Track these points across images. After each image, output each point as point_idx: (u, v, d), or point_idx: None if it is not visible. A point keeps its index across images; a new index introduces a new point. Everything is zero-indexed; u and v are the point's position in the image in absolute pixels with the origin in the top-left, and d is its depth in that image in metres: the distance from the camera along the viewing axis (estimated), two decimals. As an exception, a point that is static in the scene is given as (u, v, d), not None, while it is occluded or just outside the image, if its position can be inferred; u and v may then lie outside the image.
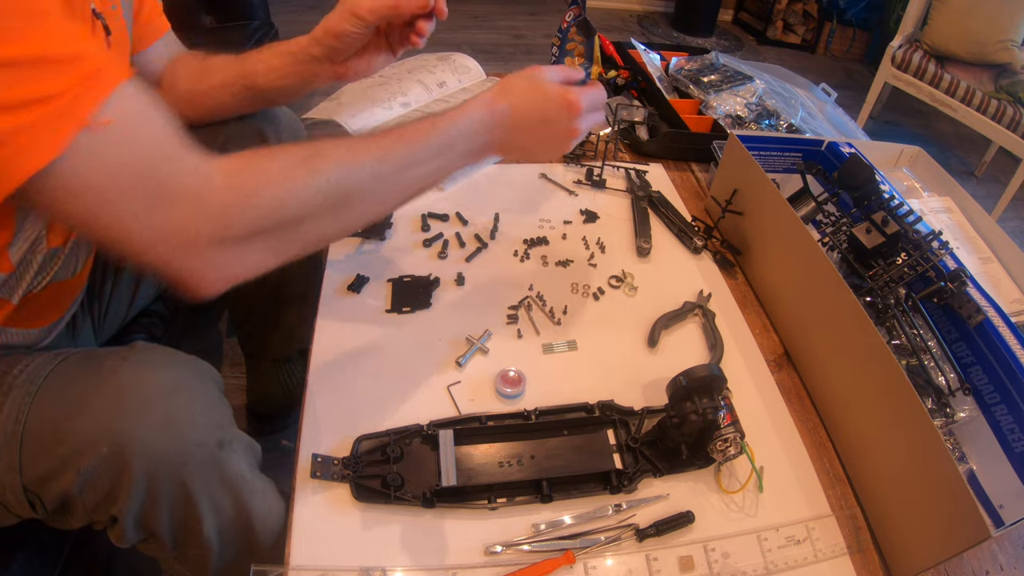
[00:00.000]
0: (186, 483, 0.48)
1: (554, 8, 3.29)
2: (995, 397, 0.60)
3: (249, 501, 0.53)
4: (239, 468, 0.52)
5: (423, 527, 0.52)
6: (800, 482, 0.59)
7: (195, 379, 0.51)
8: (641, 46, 1.22)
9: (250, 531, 0.54)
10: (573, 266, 0.78)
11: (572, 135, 0.58)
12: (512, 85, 0.57)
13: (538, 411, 0.59)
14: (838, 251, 0.71)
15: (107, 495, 0.47)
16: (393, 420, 0.57)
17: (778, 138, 0.89)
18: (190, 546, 0.53)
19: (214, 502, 0.51)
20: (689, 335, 0.72)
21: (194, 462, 0.48)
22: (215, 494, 0.50)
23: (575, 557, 0.50)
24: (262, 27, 2.32)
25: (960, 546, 0.47)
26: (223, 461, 0.50)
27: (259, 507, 0.54)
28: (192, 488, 0.49)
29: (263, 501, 0.54)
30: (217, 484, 0.50)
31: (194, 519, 0.50)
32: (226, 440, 0.51)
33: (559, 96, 0.56)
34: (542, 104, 0.57)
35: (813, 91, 1.22)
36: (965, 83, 2.05)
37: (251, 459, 0.55)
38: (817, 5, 3.14)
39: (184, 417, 0.48)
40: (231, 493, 0.51)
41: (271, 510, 0.55)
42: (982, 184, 2.40)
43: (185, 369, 0.51)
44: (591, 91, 0.59)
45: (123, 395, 0.46)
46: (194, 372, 0.52)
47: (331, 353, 0.64)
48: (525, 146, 0.59)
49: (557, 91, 0.57)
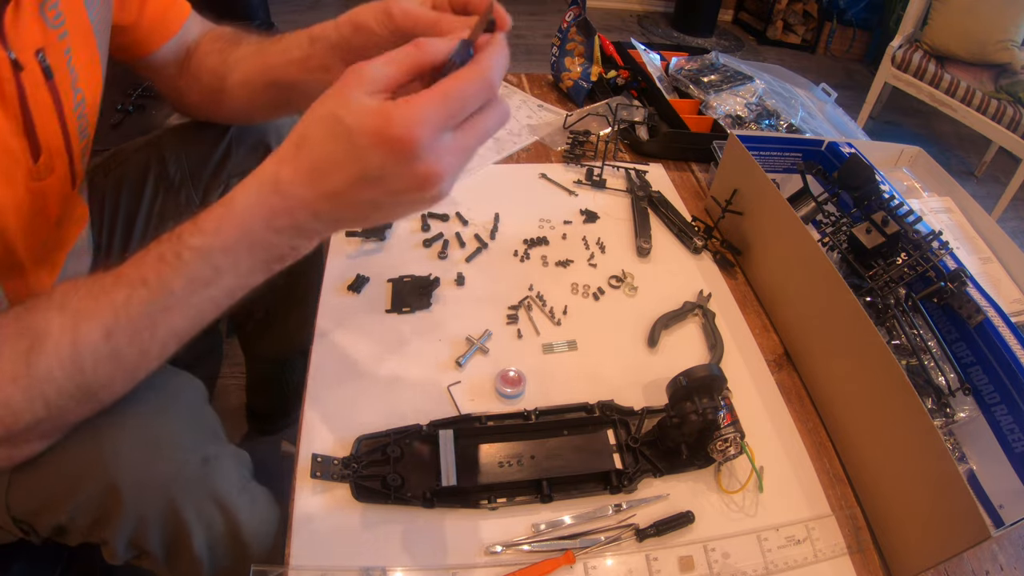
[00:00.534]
0: (174, 502, 0.48)
1: (554, 8, 3.29)
2: (995, 397, 0.60)
3: (239, 514, 0.52)
4: (226, 482, 0.51)
5: (423, 527, 0.52)
6: (800, 482, 0.59)
7: (176, 396, 0.50)
8: (641, 46, 1.22)
9: (241, 543, 0.54)
10: (573, 266, 0.78)
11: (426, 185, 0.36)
12: (308, 134, 0.37)
13: (538, 411, 0.59)
14: (838, 251, 0.71)
15: (97, 521, 0.48)
16: (393, 420, 0.57)
17: (778, 138, 0.89)
18: (182, 561, 0.53)
19: (203, 518, 0.50)
20: (689, 335, 0.72)
21: (179, 481, 0.48)
22: (203, 510, 0.50)
23: (575, 557, 0.50)
24: (262, 27, 2.32)
25: (960, 546, 0.47)
26: (209, 477, 0.50)
27: (249, 519, 0.54)
28: (180, 506, 0.48)
29: (253, 512, 0.54)
30: (205, 500, 0.50)
31: (184, 535, 0.50)
32: (211, 455, 0.50)
33: (373, 132, 0.35)
34: (350, 154, 0.36)
35: (813, 91, 1.22)
36: (965, 83, 2.05)
37: (240, 470, 0.54)
38: (817, 5, 3.14)
39: (166, 438, 0.47)
40: (219, 507, 0.51)
41: (263, 520, 0.55)
42: (982, 184, 2.40)
43: (164, 389, 0.49)
44: (454, 87, 0.35)
45: (103, 427, 0.45)
46: (175, 388, 0.51)
47: (331, 353, 0.64)
48: (360, 216, 0.40)
49: (369, 125, 0.35)
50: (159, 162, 0.74)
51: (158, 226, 0.76)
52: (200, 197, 0.76)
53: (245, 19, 2.26)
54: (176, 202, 0.76)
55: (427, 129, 0.34)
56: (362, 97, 0.35)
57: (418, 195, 0.38)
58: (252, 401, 1.17)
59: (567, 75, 1.14)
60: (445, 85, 0.35)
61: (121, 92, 1.51)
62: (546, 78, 1.21)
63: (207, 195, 0.76)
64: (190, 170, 0.75)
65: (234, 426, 1.18)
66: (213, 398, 1.21)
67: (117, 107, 1.47)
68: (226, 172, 0.76)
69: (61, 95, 0.50)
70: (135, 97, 1.50)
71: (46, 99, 0.49)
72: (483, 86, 0.36)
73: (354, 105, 0.35)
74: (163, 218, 0.76)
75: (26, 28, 0.46)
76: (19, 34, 0.45)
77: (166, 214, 0.76)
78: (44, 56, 0.47)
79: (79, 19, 0.52)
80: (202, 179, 0.76)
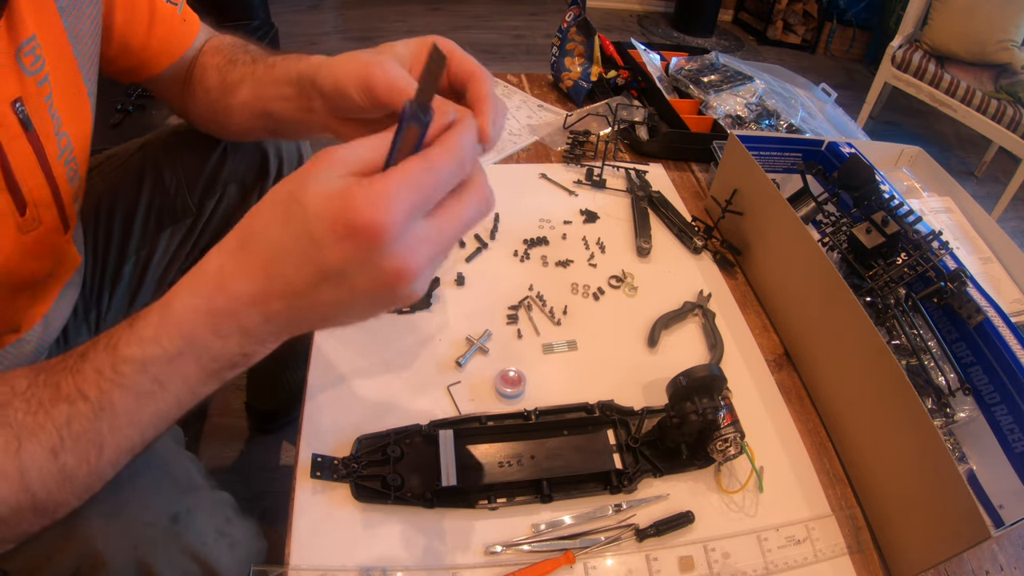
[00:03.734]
0: (146, 561, 0.47)
1: (554, 8, 3.29)
2: (995, 397, 0.60)
3: (216, 563, 0.51)
4: (201, 534, 0.51)
5: (423, 527, 0.52)
6: (800, 482, 0.59)
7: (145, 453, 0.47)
8: (641, 46, 1.22)
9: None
10: (573, 266, 0.78)
11: (397, 284, 0.31)
12: (258, 223, 0.33)
13: (538, 411, 0.59)
14: (838, 251, 0.71)
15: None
16: (393, 420, 0.57)
17: (778, 138, 0.89)
18: None
19: (178, 571, 0.49)
20: (689, 335, 0.72)
21: (148, 542, 0.47)
22: (179, 564, 0.49)
23: (575, 557, 0.50)
24: (262, 27, 2.32)
25: (960, 546, 0.47)
26: (181, 534, 0.49)
27: (229, 564, 0.52)
28: (153, 565, 0.47)
29: (233, 556, 0.53)
30: (178, 555, 0.49)
31: None
32: (183, 510, 0.49)
33: (333, 219, 0.30)
34: (305, 246, 0.31)
35: (813, 91, 1.22)
36: (965, 83, 2.05)
37: (219, 516, 0.53)
38: (817, 5, 3.14)
39: (132, 502, 0.47)
40: (195, 559, 0.50)
41: (243, 561, 0.54)
42: (982, 184, 2.40)
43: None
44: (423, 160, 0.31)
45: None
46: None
47: (331, 353, 0.64)
48: (320, 318, 0.35)
49: (329, 210, 0.30)
50: (154, 168, 0.72)
51: (155, 235, 0.75)
52: (196, 204, 0.75)
53: (245, 19, 2.26)
54: (172, 209, 0.74)
55: (396, 213, 0.29)
56: (326, 176, 0.30)
57: (388, 295, 0.32)
58: (252, 400, 1.17)
59: (567, 75, 1.14)
60: (412, 160, 0.31)
61: (121, 92, 1.51)
62: (546, 78, 1.21)
63: (203, 202, 0.75)
64: (186, 178, 0.73)
65: (234, 425, 1.18)
66: (213, 398, 1.22)
67: (117, 107, 1.47)
68: (222, 179, 0.75)
69: (44, 144, 0.48)
70: (135, 97, 1.50)
71: (26, 151, 0.46)
72: (456, 157, 0.32)
73: (314, 187, 0.30)
74: (159, 226, 0.75)
75: (1, 78, 0.43)
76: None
77: (163, 222, 0.75)
78: (22, 105, 0.44)
79: (62, 57, 0.49)
80: (197, 187, 0.74)
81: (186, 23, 0.61)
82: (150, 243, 0.75)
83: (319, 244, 0.30)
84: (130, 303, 0.75)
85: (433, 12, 3.15)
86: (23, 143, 0.46)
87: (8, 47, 0.43)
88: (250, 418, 1.17)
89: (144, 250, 0.75)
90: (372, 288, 0.32)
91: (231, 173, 0.75)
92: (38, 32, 0.45)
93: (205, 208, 0.76)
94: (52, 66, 0.47)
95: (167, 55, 0.60)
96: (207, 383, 0.35)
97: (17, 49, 0.44)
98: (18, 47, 0.44)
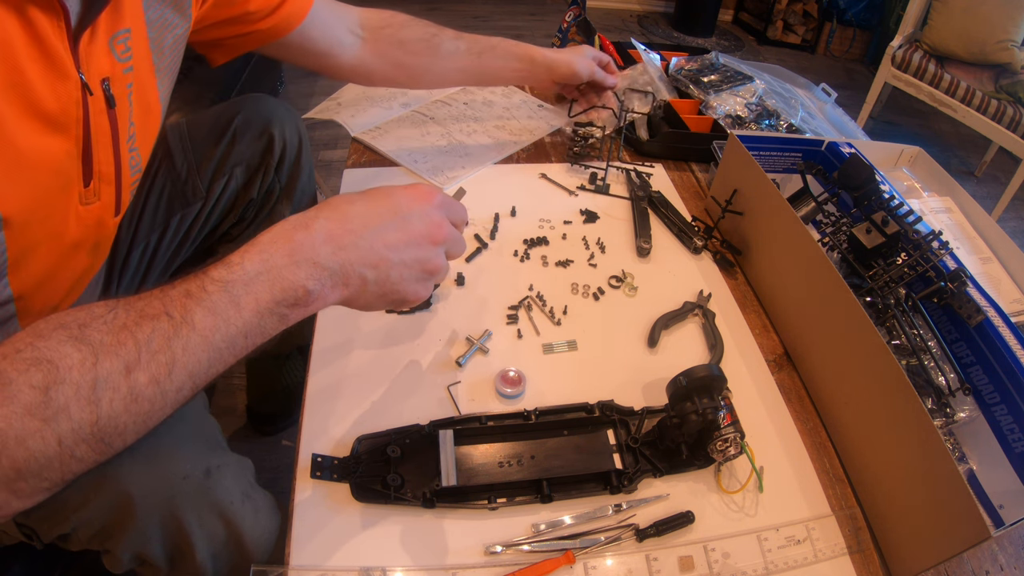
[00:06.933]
0: (177, 515, 0.48)
1: (554, 8, 3.29)
2: (995, 397, 0.60)
3: (241, 524, 0.53)
4: (229, 493, 0.52)
5: (423, 527, 0.52)
6: (800, 482, 0.59)
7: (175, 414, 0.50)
8: (641, 46, 1.22)
9: (244, 551, 0.54)
10: (573, 266, 0.78)
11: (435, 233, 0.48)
12: (337, 198, 0.47)
13: (538, 411, 0.59)
14: (838, 251, 0.71)
15: (100, 532, 0.48)
16: (393, 420, 0.57)
17: (778, 138, 0.89)
18: (185, 570, 0.53)
19: (206, 529, 0.51)
20: (689, 335, 0.72)
21: (182, 495, 0.48)
22: (206, 521, 0.51)
23: (575, 557, 0.50)
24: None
25: (960, 546, 0.47)
26: (212, 489, 0.50)
27: (252, 527, 0.54)
28: (183, 518, 0.49)
29: (256, 521, 0.54)
30: (207, 511, 0.50)
31: (187, 546, 0.50)
32: (214, 467, 0.51)
33: (407, 187, 0.49)
34: (386, 198, 0.47)
35: (813, 91, 1.22)
36: (965, 83, 2.05)
37: (244, 479, 0.55)
38: (817, 5, 3.14)
39: (168, 451, 0.48)
40: (222, 518, 0.52)
41: (265, 528, 0.55)
42: (982, 184, 2.40)
43: None
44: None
45: None
46: None
47: (331, 353, 0.64)
48: (373, 263, 0.45)
49: (408, 189, 0.49)
50: (166, 155, 0.76)
51: (165, 220, 0.77)
52: (206, 188, 0.78)
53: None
54: (183, 194, 0.77)
55: (442, 197, 0.50)
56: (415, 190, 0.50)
57: (427, 246, 0.48)
58: (252, 401, 1.17)
59: (567, 75, 1.14)
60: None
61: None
62: (546, 78, 1.21)
63: (211, 186, 0.78)
64: (197, 162, 0.77)
65: (234, 426, 1.18)
66: (213, 398, 1.22)
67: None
68: (230, 162, 0.78)
69: (119, 125, 0.52)
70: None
71: (104, 127, 0.50)
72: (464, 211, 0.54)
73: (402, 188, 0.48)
74: (170, 211, 0.77)
75: (97, 56, 0.47)
76: (91, 60, 0.46)
77: (173, 207, 0.77)
78: (109, 85, 0.49)
79: (144, 61, 0.54)
80: (208, 171, 0.78)
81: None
82: (160, 228, 0.78)
83: (394, 194, 0.47)
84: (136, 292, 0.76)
85: (433, 12, 3.15)
86: (104, 119, 0.50)
87: (107, 31, 0.48)
88: (250, 420, 1.17)
89: (154, 235, 0.77)
90: (421, 235, 0.47)
91: (239, 155, 0.79)
92: (132, 29, 0.51)
93: (213, 191, 0.79)
94: (136, 63, 0.52)
95: (296, 16, 0.68)
96: (272, 314, 0.41)
97: (113, 36, 0.49)
98: (114, 34, 0.49)
